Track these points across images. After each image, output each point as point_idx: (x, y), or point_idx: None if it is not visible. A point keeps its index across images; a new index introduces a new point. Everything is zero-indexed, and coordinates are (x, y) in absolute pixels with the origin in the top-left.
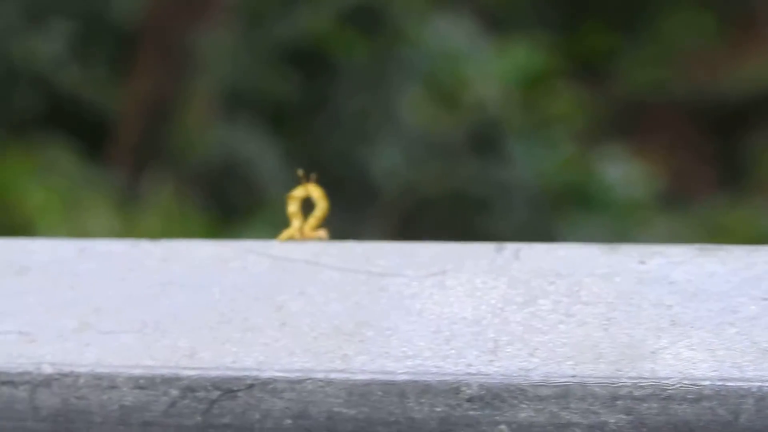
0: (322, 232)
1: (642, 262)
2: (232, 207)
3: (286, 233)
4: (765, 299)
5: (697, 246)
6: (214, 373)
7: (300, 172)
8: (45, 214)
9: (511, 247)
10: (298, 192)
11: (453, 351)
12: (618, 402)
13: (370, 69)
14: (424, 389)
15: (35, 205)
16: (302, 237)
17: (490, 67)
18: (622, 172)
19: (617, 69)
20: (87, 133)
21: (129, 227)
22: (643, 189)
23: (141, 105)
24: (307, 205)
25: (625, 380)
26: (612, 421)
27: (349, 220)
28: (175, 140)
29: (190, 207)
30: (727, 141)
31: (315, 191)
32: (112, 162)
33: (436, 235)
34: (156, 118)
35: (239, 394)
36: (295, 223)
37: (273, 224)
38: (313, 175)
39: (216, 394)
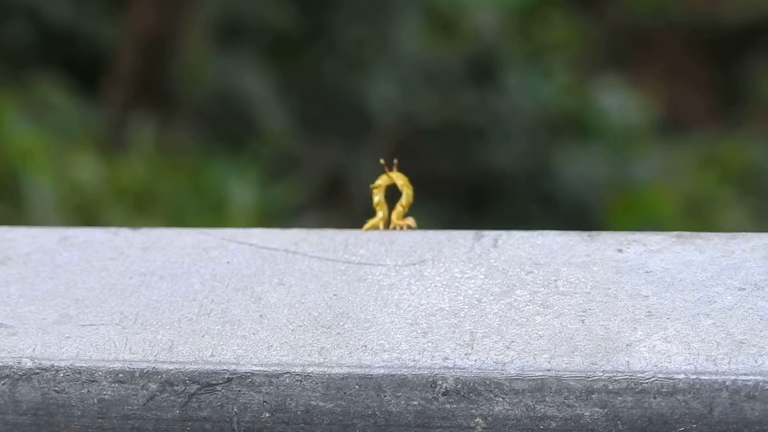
0: (411, 220)
1: (620, 251)
2: (226, 141)
3: (370, 223)
4: (742, 289)
5: (675, 233)
6: (192, 367)
7: (382, 161)
8: (29, 159)
9: (489, 235)
10: (382, 180)
11: (430, 344)
12: (593, 395)
13: None
14: (401, 383)
15: (19, 149)
16: (387, 227)
17: None
18: (619, 100)
19: None
20: (81, 68)
21: (116, 173)
22: (640, 117)
23: (137, 39)
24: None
25: (600, 374)
26: (587, 414)
27: (346, 151)
28: (171, 74)
29: (176, 148)
30: (723, 69)
31: (399, 179)
32: (106, 98)
33: (434, 166)
34: (152, 51)
35: (217, 387)
36: (380, 213)
37: (263, 158)
38: (395, 162)
39: (194, 387)
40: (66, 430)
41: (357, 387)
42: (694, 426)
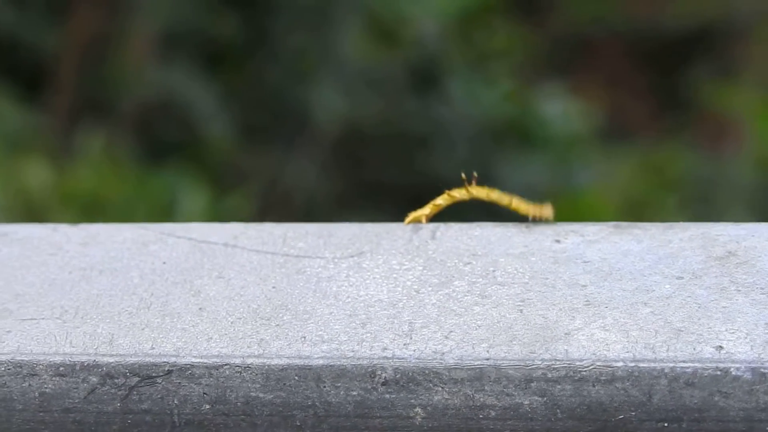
0: (548, 210)
1: (557, 241)
2: (169, 149)
3: (413, 215)
4: (679, 278)
5: (612, 223)
6: (132, 360)
7: (463, 175)
8: None
9: (427, 227)
10: (458, 194)
11: (368, 334)
12: (532, 384)
13: (309, 6)
14: (340, 373)
15: None
16: (427, 220)
17: (429, 3)
18: (561, 108)
19: (556, 4)
20: (23, 76)
21: (63, 179)
22: (582, 125)
23: (78, 47)
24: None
25: (538, 362)
26: (526, 402)
27: (289, 159)
28: (112, 82)
29: (123, 156)
30: (665, 76)
31: (480, 192)
32: (49, 106)
33: (377, 173)
34: (94, 59)
35: (157, 380)
36: (426, 210)
37: (207, 166)
38: (474, 176)
39: (134, 380)
40: (7, 423)
41: (296, 378)
42: (633, 414)
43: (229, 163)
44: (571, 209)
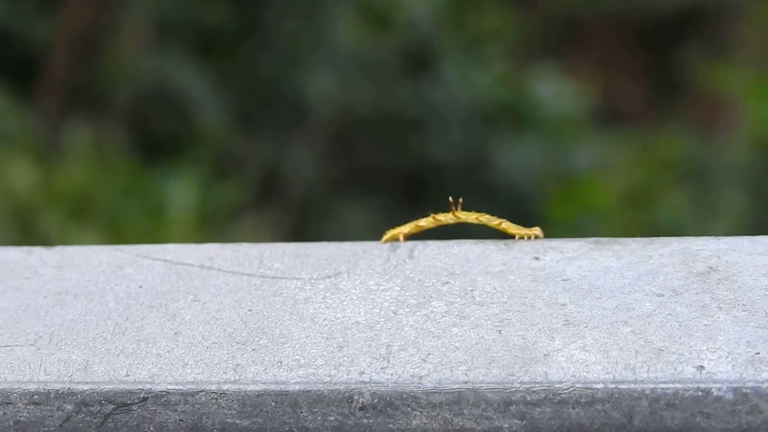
0: (537, 230)
1: (536, 258)
2: (163, 141)
3: (390, 234)
4: (660, 295)
5: (592, 239)
6: (107, 387)
7: (450, 199)
8: None
9: (405, 246)
10: (444, 218)
11: (345, 358)
12: (511, 407)
13: None
14: (317, 399)
15: None
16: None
17: None
18: (554, 90)
19: None
20: (14, 68)
21: (51, 178)
22: (576, 107)
23: (70, 39)
24: None
25: (517, 385)
26: (505, 426)
27: (283, 144)
28: (106, 73)
29: (114, 152)
30: (658, 57)
31: (468, 216)
32: (40, 99)
33: (371, 157)
34: (86, 51)
35: (133, 407)
36: (405, 229)
37: (202, 156)
38: (460, 202)
39: (110, 407)
40: None
41: (273, 404)
42: None
43: (224, 151)
44: (572, 195)
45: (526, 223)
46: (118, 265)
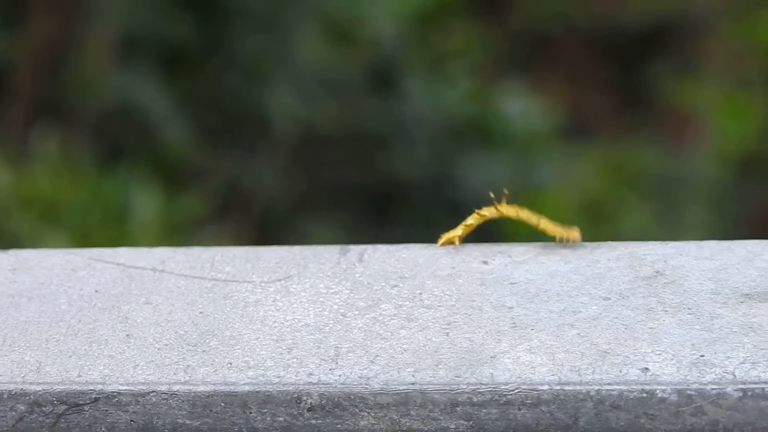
0: (576, 233)
1: (485, 262)
2: (126, 153)
3: (445, 237)
4: (606, 298)
5: (540, 244)
6: (59, 388)
7: (491, 194)
8: None
9: (355, 250)
10: (487, 211)
11: (295, 360)
12: (458, 408)
13: (264, 9)
14: (266, 399)
15: None
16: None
17: (385, 4)
18: (521, 106)
19: (515, 1)
20: None
21: (21, 183)
22: (543, 122)
23: (35, 52)
24: None
25: (464, 386)
26: (452, 427)
27: (247, 162)
28: (69, 88)
29: (79, 160)
30: (625, 72)
31: (509, 211)
32: (6, 113)
33: (337, 174)
34: (51, 65)
35: (85, 408)
36: (459, 231)
37: (163, 168)
38: (504, 193)
39: (62, 408)
40: None
41: (223, 404)
42: None
43: (187, 163)
44: (535, 210)
45: (491, 238)
46: (72, 268)
